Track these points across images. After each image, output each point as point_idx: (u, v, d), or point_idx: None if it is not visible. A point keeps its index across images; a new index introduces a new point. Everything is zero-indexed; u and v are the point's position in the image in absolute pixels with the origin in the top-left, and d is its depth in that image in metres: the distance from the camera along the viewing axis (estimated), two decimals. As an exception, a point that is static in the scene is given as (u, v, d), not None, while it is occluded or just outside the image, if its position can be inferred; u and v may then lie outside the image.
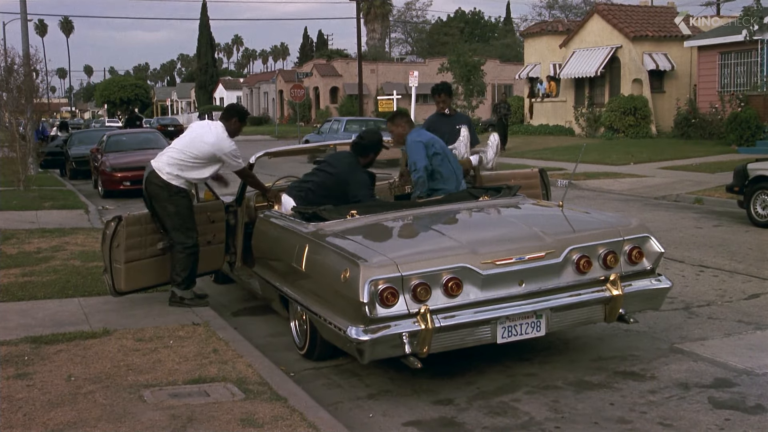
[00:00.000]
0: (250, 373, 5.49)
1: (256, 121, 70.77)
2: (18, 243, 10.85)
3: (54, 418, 4.65)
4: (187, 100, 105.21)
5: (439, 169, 7.28)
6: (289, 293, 6.24)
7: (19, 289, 8.00)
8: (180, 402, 4.91)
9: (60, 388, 5.17)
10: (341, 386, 5.67)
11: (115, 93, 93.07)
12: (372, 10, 77.08)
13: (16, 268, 9.11)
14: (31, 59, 22.61)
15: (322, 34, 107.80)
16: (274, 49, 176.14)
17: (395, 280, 5.13)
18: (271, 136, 49.13)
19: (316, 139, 27.76)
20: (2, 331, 6.56)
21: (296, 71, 72.13)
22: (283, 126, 60.33)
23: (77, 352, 5.97)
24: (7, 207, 15.20)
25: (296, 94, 51.98)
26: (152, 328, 6.58)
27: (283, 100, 70.42)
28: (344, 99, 61.54)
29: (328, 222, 6.14)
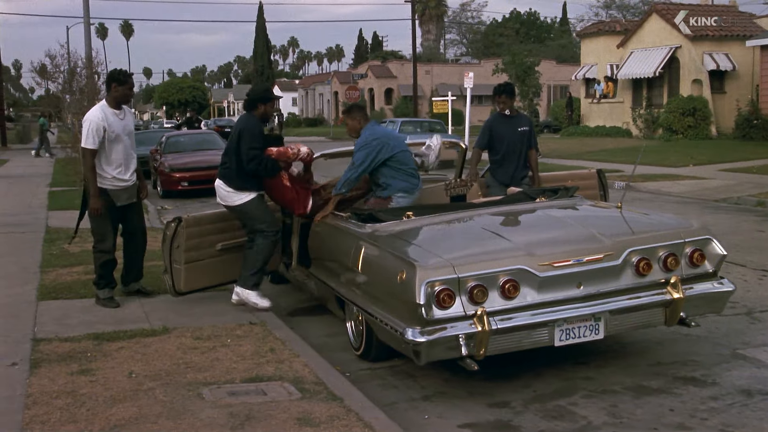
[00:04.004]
0: (306, 372, 5.53)
1: (311, 123, 71.30)
2: (80, 242, 11.04)
3: (116, 414, 4.74)
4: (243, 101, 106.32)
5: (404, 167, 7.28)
6: (345, 294, 6.27)
7: (81, 287, 8.17)
8: (238, 400, 4.97)
9: (121, 384, 5.27)
10: (396, 387, 5.67)
11: (174, 95, 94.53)
12: (427, 12, 77.06)
13: (79, 266, 9.32)
14: (93, 62, 23.13)
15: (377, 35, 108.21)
16: (329, 50, 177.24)
17: (451, 282, 5.12)
18: (326, 138, 49.39)
19: (371, 140, 27.79)
20: (66, 327, 6.71)
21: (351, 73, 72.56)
22: (338, 127, 60.57)
23: (138, 349, 6.07)
24: (69, 206, 15.52)
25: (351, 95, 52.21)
26: (210, 327, 6.67)
27: (338, 101, 70.77)
28: (399, 100, 61.62)
29: (384, 223, 6.15)
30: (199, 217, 7.55)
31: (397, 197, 7.25)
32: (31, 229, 12.62)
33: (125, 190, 7.62)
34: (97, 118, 7.34)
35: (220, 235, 7.51)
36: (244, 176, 7.21)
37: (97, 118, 7.34)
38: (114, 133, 7.41)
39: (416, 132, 28.01)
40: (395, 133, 7.71)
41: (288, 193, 7.30)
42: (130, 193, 7.70)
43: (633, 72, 33.52)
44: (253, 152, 7.13)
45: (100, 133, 7.33)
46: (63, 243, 11.06)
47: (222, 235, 7.52)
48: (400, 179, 7.26)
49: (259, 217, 7.27)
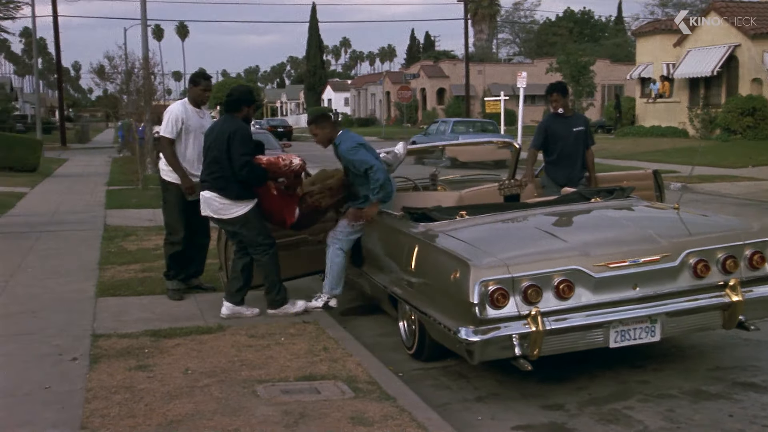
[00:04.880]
0: (359, 371, 5.54)
1: (363, 123, 71.45)
2: (137, 240, 11.29)
3: (173, 410, 4.81)
4: (296, 101, 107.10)
5: None
6: (398, 293, 6.27)
7: (139, 284, 8.32)
8: (292, 398, 5.01)
9: (178, 380, 5.35)
10: (449, 388, 5.66)
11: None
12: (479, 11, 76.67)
13: (136, 263, 9.48)
14: (150, 63, 23.49)
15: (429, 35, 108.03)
16: (381, 50, 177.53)
17: (505, 282, 5.09)
18: (378, 137, 49.43)
19: (423, 140, 27.81)
20: (124, 324, 6.83)
21: (403, 73, 72.57)
22: (390, 127, 60.71)
23: (193, 346, 6.16)
24: (126, 205, 15.84)
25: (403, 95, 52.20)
26: (264, 325, 6.73)
27: (389, 101, 70.88)
28: (451, 100, 61.46)
29: (437, 222, 6.15)
30: (253, 215, 7.61)
31: None
32: (90, 227, 12.88)
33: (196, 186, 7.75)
34: (177, 110, 7.71)
35: (275, 232, 7.56)
36: (240, 184, 6.87)
37: (177, 110, 7.70)
38: (190, 128, 7.69)
39: (468, 132, 27.94)
40: None
41: (275, 202, 7.03)
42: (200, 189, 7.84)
43: (690, 71, 32.95)
44: (245, 158, 6.79)
45: (177, 125, 7.63)
46: (120, 240, 11.27)
47: (277, 232, 7.58)
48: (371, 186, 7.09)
49: (260, 228, 7.00)
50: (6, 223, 13.87)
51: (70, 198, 17.97)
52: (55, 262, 9.86)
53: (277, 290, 7.13)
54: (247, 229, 6.98)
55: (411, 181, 8.58)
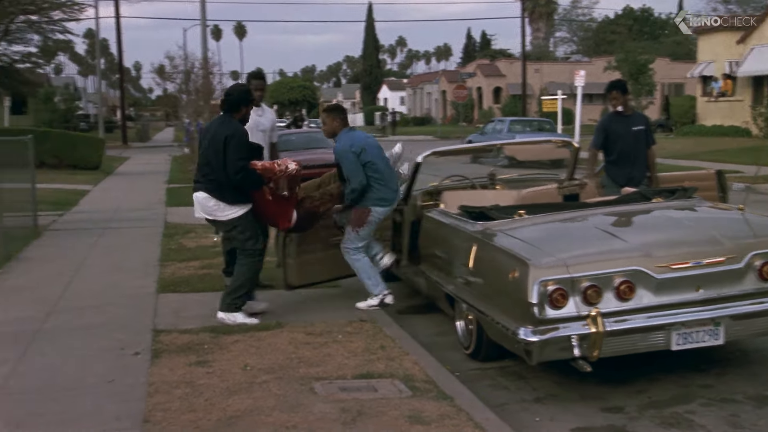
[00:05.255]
0: (416, 370, 5.54)
1: (418, 122, 71.40)
2: (196, 237, 11.46)
3: (232, 405, 4.86)
4: (351, 100, 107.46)
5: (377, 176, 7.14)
6: (455, 292, 6.26)
7: (198, 281, 8.43)
8: (349, 396, 5.02)
9: (237, 376, 5.41)
10: (507, 388, 5.62)
11: (284, 94, 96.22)
12: (537, 9, 76.09)
13: (196, 260, 9.61)
14: (209, 62, 23.83)
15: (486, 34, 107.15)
16: (437, 49, 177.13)
17: (565, 282, 5.05)
18: (434, 137, 49.34)
19: (479, 139, 27.68)
20: (184, 320, 6.93)
21: (459, 71, 72.28)
22: (446, 126, 60.55)
23: (252, 343, 6.22)
24: (186, 203, 16.01)
25: (459, 94, 52.02)
26: (322, 323, 6.76)
27: (445, 100, 70.69)
28: (507, 99, 61.08)
29: (495, 221, 6.11)
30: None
31: (374, 209, 7.17)
32: (151, 224, 13.11)
33: None
34: None
35: (332, 230, 7.61)
36: (234, 188, 6.75)
37: None
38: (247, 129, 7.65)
39: (525, 131, 27.71)
40: (374, 140, 7.61)
41: (270, 207, 6.96)
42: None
43: (754, 69, 32.21)
44: (241, 163, 6.62)
45: None
46: (180, 238, 11.44)
47: (334, 230, 7.62)
48: (376, 188, 7.14)
49: (251, 233, 6.88)
50: (70, 219, 14.20)
51: (131, 195, 18.32)
52: (118, 259, 10.06)
53: (238, 296, 6.89)
54: (239, 232, 6.87)
55: (468, 180, 8.55)
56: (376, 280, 7.30)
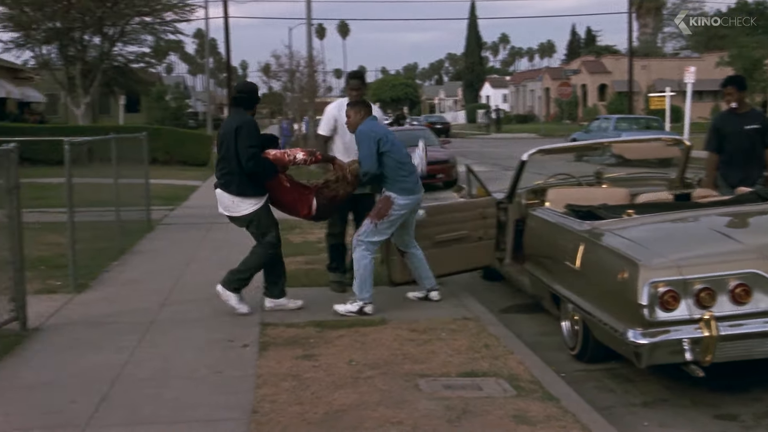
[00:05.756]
0: (521, 370, 5.49)
1: (521, 119, 70.70)
2: (302, 233, 11.65)
3: (338, 399, 4.93)
4: (454, 98, 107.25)
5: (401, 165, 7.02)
6: (561, 292, 6.18)
7: (303, 276, 8.57)
8: (453, 394, 5.02)
9: (342, 370, 5.48)
10: (614, 391, 5.52)
11: (386, 92, 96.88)
12: (644, 4, 74.14)
13: (301, 256, 9.77)
14: (313, 61, 24.20)
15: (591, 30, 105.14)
16: (541, 46, 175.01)
17: (677, 284, 4.92)
18: (537, 135, 48.81)
19: (584, 137, 27.19)
20: (290, 314, 7.05)
21: (563, 68, 71.19)
22: (548, 124, 59.74)
23: (356, 338, 6.28)
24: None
25: (563, 91, 51.30)
26: (425, 320, 6.77)
27: (549, 97, 69.73)
28: (613, 96, 59.76)
29: (604, 220, 6.01)
30: (415, 211, 7.70)
31: (395, 197, 7.00)
32: (257, 219, 13.36)
33: None
34: (331, 109, 8.10)
35: (437, 227, 7.62)
36: (248, 181, 6.85)
37: (331, 109, 8.08)
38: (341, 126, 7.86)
39: (632, 129, 27.06)
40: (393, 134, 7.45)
41: (288, 194, 7.01)
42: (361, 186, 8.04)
43: None
44: (252, 150, 6.74)
45: (330, 123, 7.95)
46: (285, 233, 11.62)
47: (439, 227, 7.63)
48: (400, 179, 7.01)
49: (267, 227, 7.01)
50: (181, 214, 14.67)
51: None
52: (225, 253, 10.28)
53: (241, 277, 7.05)
54: (255, 227, 7.00)
55: (575, 178, 8.42)
56: (368, 286, 7.04)
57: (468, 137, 54.12)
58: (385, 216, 6.97)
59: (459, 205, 8.38)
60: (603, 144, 12.83)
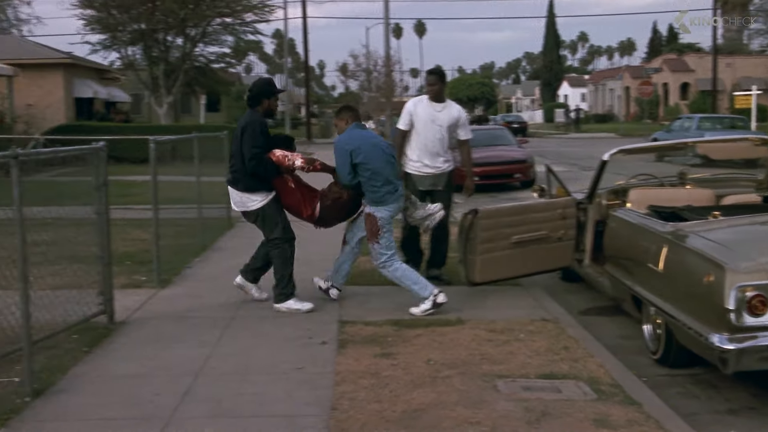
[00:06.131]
0: (601, 373, 5.41)
1: (600, 119, 69.58)
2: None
3: (416, 398, 4.94)
4: (531, 97, 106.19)
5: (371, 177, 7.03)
6: (643, 294, 6.06)
7: (380, 275, 8.57)
8: (532, 395, 4.98)
9: (420, 369, 5.49)
10: (698, 397, 5.39)
11: (462, 91, 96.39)
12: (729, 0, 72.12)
13: (375, 254, 9.80)
14: (391, 60, 24.26)
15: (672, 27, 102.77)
16: (621, 44, 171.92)
17: (766, 288, 4.78)
18: (616, 134, 47.95)
19: (665, 137, 26.61)
20: (368, 312, 7.10)
21: (644, 67, 69.82)
22: (629, 123, 58.63)
23: (434, 337, 6.28)
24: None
25: (644, 90, 50.29)
26: (503, 321, 6.73)
27: (629, 96, 68.43)
28: (696, 95, 58.35)
29: (688, 222, 5.88)
30: (494, 209, 7.70)
31: (374, 211, 7.08)
32: (334, 218, 13.46)
33: (427, 177, 8.16)
34: (409, 105, 8.34)
35: (515, 228, 7.56)
36: (251, 177, 7.02)
37: (409, 105, 8.31)
38: (419, 121, 8.11)
39: (716, 129, 26.37)
40: (377, 139, 7.48)
41: (291, 196, 7.15)
42: (434, 181, 8.18)
43: None
44: (255, 150, 6.91)
45: (407, 118, 8.18)
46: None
47: (517, 228, 7.57)
48: (372, 190, 7.04)
49: (275, 223, 7.13)
50: (259, 212, 14.85)
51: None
52: (302, 251, 10.29)
53: (283, 285, 7.17)
54: (263, 223, 7.15)
55: (657, 179, 8.25)
56: (423, 283, 7.13)
57: (545, 137, 53.51)
58: (378, 234, 7.11)
59: (538, 206, 8.30)
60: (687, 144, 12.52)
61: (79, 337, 6.23)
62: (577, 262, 7.86)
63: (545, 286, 8.24)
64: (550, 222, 7.67)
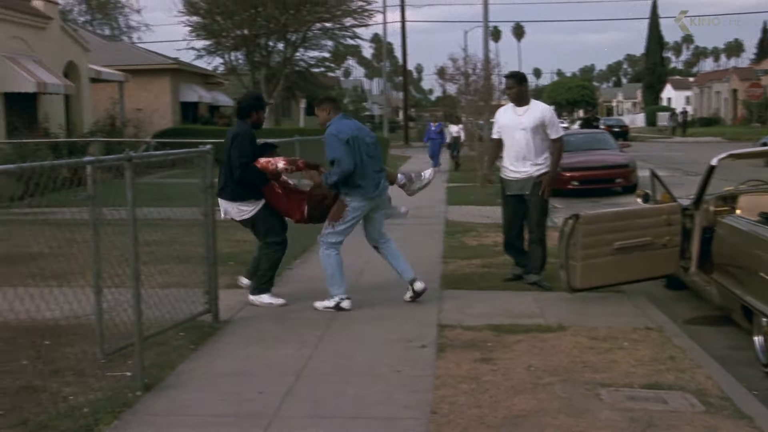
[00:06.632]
0: (709, 385, 5.25)
1: (705, 122, 67.50)
2: (477, 236, 11.66)
3: (517, 404, 4.89)
4: (632, 100, 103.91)
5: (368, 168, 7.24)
6: (754, 304, 5.87)
7: (480, 279, 8.58)
8: (637, 405, 4.87)
9: (521, 376, 5.43)
10: (814, 413, 5.16)
11: (562, 94, 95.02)
12: None
13: (477, 259, 9.78)
14: (490, 64, 24.10)
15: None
16: (727, 45, 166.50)
17: None
18: (722, 138, 46.42)
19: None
20: (467, 316, 7.08)
21: (753, 68, 67.29)
22: (736, 127, 56.67)
23: (534, 343, 6.21)
24: (466, 202, 16.45)
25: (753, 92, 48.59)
26: (605, 328, 6.61)
27: (736, 99, 66.11)
28: (810, 97, 55.92)
29: (803, 231, 5.65)
30: (597, 214, 7.58)
31: (348, 201, 7.27)
32: (433, 221, 13.52)
33: (516, 182, 8.23)
34: (497, 113, 8.65)
35: (618, 233, 7.41)
36: (237, 186, 7.24)
37: (497, 113, 8.64)
38: (504, 128, 8.32)
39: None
40: (363, 131, 7.50)
41: (280, 201, 7.38)
42: (521, 185, 8.21)
43: None
44: (242, 160, 7.13)
45: (495, 126, 8.55)
46: (461, 236, 11.70)
47: (620, 234, 7.42)
48: (352, 180, 7.16)
49: (267, 229, 7.42)
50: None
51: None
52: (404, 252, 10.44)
53: (264, 281, 7.51)
54: (255, 230, 7.49)
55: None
56: (340, 281, 7.35)
57: (648, 141, 52.23)
58: (340, 218, 7.28)
59: (642, 211, 8.13)
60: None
61: (185, 335, 6.41)
62: (683, 269, 7.65)
63: (648, 293, 8.06)
64: (654, 228, 7.50)
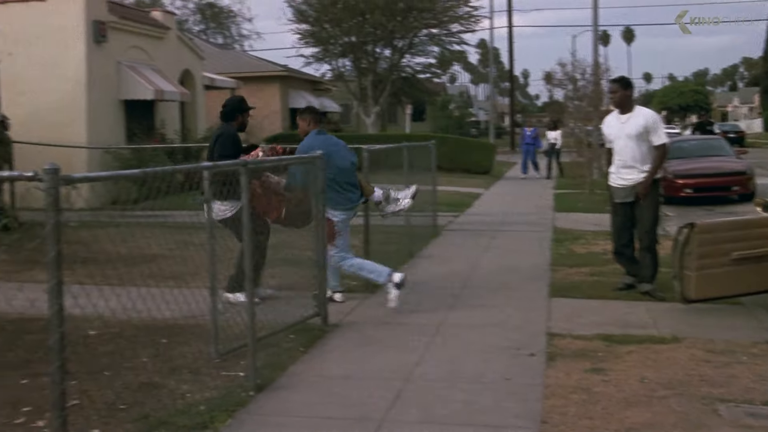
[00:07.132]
0: (835, 403, 5.00)
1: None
2: (586, 243, 11.46)
3: (630, 417, 4.77)
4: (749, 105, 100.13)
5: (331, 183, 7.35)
6: None
7: (589, 287, 8.43)
8: (758, 423, 4.68)
9: (633, 387, 5.30)
10: None
11: (674, 99, 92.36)
12: None
13: (586, 267, 9.61)
14: (600, 68, 23.65)
15: None
16: None
17: None
18: None
19: None
20: (577, 325, 6.96)
21: None
22: None
23: (647, 355, 6.05)
24: (573, 209, 16.18)
25: None
26: (722, 341, 6.38)
27: None
28: None
29: None
30: (713, 223, 7.35)
31: (331, 215, 7.49)
32: (540, 228, 13.37)
33: (621, 189, 8.13)
34: (605, 120, 8.58)
35: (736, 243, 7.16)
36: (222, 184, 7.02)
37: (605, 120, 8.56)
38: (611, 135, 8.30)
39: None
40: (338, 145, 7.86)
41: (260, 201, 7.39)
42: (627, 192, 8.10)
43: None
44: (222, 159, 6.98)
45: (603, 133, 8.60)
46: (569, 243, 11.52)
47: (738, 243, 7.17)
48: (330, 195, 7.32)
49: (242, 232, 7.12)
50: (465, 221, 15.00)
51: (520, 199, 18.85)
52: (509, 261, 10.39)
53: (240, 280, 7.05)
54: (234, 230, 7.16)
55: None
56: (374, 266, 7.69)
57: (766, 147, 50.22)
58: (334, 236, 7.58)
59: (762, 220, 7.82)
60: None
61: (295, 337, 6.53)
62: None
63: (765, 306, 7.75)
64: (756, 240, 7.21)
